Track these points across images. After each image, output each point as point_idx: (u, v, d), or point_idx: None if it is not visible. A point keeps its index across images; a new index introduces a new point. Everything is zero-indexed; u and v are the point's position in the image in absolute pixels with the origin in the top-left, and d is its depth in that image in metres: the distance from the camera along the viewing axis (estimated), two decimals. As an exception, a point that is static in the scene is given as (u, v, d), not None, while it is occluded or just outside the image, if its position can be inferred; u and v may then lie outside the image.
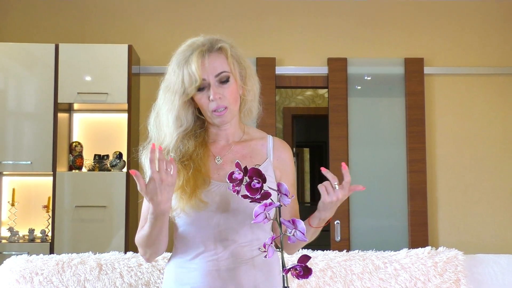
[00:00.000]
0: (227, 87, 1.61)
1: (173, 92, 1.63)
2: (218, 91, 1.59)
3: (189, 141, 1.66)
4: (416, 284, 2.37)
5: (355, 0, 4.65)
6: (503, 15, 4.68)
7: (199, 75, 1.58)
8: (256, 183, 1.37)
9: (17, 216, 4.27)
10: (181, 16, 4.60)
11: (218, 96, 1.59)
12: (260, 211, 1.37)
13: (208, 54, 1.61)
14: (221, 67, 1.61)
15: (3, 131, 4.06)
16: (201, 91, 1.61)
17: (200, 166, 1.63)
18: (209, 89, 1.60)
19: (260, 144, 1.76)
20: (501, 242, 4.51)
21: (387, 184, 4.51)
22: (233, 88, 1.63)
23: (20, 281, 2.32)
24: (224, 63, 1.62)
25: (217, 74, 1.60)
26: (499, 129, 4.61)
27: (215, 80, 1.60)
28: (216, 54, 1.62)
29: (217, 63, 1.61)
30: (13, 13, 4.59)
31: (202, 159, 1.65)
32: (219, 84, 1.61)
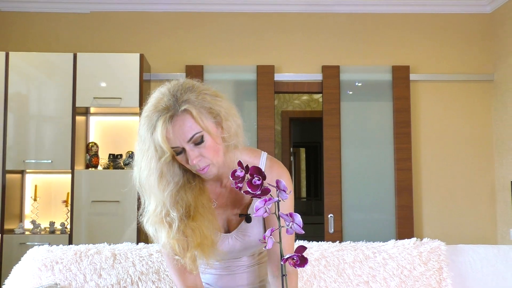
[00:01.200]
0: (203, 146, 1.41)
1: (149, 157, 1.44)
2: (195, 154, 1.40)
3: (186, 193, 1.49)
4: (402, 272, 2.37)
5: (347, 13, 4.66)
6: (480, 28, 4.68)
7: (167, 147, 1.39)
8: (257, 180, 1.32)
9: (39, 210, 4.28)
10: (187, 28, 4.60)
11: (197, 159, 1.41)
12: (260, 206, 1.32)
13: (174, 120, 1.38)
14: (191, 130, 1.39)
15: (26, 133, 4.07)
16: (180, 154, 1.43)
17: (208, 217, 1.51)
18: (185, 152, 1.41)
19: None
20: (479, 234, 4.52)
21: (376, 181, 4.51)
22: (209, 144, 1.42)
23: (41, 269, 2.32)
24: (193, 124, 1.38)
25: (189, 139, 1.39)
26: (478, 130, 4.62)
27: (188, 145, 1.40)
28: (182, 117, 1.39)
29: (186, 127, 1.39)
30: (35, 25, 4.59)
31: (205, 207, 1.52)
32: (194, 146, 1.40)
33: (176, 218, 1.46)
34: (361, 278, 2.36)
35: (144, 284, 2.29)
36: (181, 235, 1.46)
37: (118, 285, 2.29)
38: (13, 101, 4.07)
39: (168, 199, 1.46)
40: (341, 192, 4.47)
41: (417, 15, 4.68)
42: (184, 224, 1.46)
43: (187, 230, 1.46)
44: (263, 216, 1.34)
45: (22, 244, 3.95)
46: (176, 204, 1.47)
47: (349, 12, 4.66)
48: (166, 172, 1.45)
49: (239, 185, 1.33)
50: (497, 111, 4.54)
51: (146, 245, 2.40)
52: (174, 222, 1.46)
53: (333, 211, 4.44)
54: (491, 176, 4.59)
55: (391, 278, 2.36)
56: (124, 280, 2.29)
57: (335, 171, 4.47)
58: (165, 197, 1.45)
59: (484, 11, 4.67)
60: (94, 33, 4.60)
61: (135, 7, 4.59)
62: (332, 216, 4.44)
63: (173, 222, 1.46)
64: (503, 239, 4.40)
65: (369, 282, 2.35)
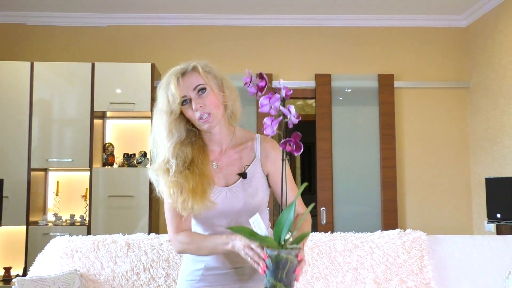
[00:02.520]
0: (205, 96, 1.57)
1: (162, 112, 1.59)
2: (198, 102, 1.56)
3: (187, 148, 1.60)
4: (388, 260, 2.37)
5: (337, 27, 4.66)
6: (457, 40, 4.68)
7: (178, 94, 1.55)
8: (261, 83, 1.42)
9: (60, 204, 4.28)
10: (194, 40, 4.60)
11: (199, 105, 1.55)
12: (266, 103, 1.39)
13: (184, 75, 1.59)
14: (196, 82, 1.58)
15: (49, 134, 4.07)
16: (186, 106, 1.58)
17: (204, 171, 1.59)
18: (192, 102, 1.57)
19: (249, 146, 1.70)
20: (457, 225, 4.52)
21: (363, 177, 4.51)
22: (211, 96, 1.58)
23: (63, 257, 2.32)
24: (199, 78, 1.58)
25: (194, 87, 1.57)
26: (455, 132, 4.62)
27: (194, 93, 1.57)
28: (191, 73, 1.59)
29: (192, 79, 1.58)
30: (57, 38, 4.60)
31: (203, 164, 1.61)
32: (198, 96, 1.57)
33: (174, 165, 1.57)
34: (351, 265, 2.36)
35: (155, 270, 2.29)
36: (177, 180, 1.55)
37: (131, 271, 2.29)
38: (38, 106, 4.08)
39: (171, 150, 1.58)
40: (332, 188, 4.47)
41: (400, 28, 4.68)
42: (180, 172, 1.56)
43: (182, 177, 1.56)
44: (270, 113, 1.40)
45: (46, 235, 3.95)
46: (177, 156, 1.58)
47: (339, 26, 4.67)
48: (173, 127, 1.58)
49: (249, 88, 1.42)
50: (472, 115, 4.54)
51: (157, 236, 2.40)
52: (172, 168, 1.57)
53: (325, 204, 4.44)
54: (467, 173, 4.59)
55: (378, 265, 2.36)
56: (137, 267, 2.30)
57: (327, 168, 4.47)
58: (169, 147, 1.58)
59: (460, 25, 4.68)
60: (110, 45, 4.60)
61: (146, 21, 4.60)
62: (324, 209, 4.44)
63: (171, 169, 1.57)
64: (478, 230, 4.40)
65: (357, 269, 2.35)
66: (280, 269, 1.28)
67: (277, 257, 1.28)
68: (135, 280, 2.28)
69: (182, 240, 1.59)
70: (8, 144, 4.03)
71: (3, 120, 4.04)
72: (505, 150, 4.01)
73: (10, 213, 3.95)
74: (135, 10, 4.48)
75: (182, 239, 1.59)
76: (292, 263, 1.29)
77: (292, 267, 1.29)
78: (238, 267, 1.62)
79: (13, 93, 4.07)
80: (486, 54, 4.31)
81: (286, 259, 1.28)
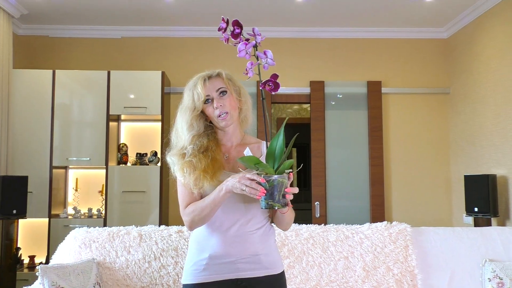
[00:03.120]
0: (226, 98, 1.65)
1: (186, 109, 1.67)
2: (219, 102, 1.64)
3: (203, 139, 1.67)
4: (375, 249, 2.37)
5: (330, 38, 4.66)
6: (439, 50, 4.68)
7: (203, 93, 1.64)
8: (237, 29, 1.47)
9: (79, 198, 4.28)
10: (200, 50, 4.60)
11: (220, 104, 1.64)
12: (242, 48, 1.47)
13: (209, 78, 1.67)
14: (220, 85, 1.66)
15: (69, 136, 4.07)
16: (208, 104, 1.66)
17: (216, 157, 1.65)
18: (213, 101, 1.65)
19: (256, 146, 1.75)
20: (438, 218, 4.52)
21: (354, 175, 4.51)
22: (230, 99, 1.66)
23: (81, 246, 2.33)
24: (222, 82, 1.67)
25: (217, 89, 1.65)
26: (437, 133, 4.62)
27: (216, 94, 1.65)
28: (215, 78, 1.68)
29: (216, 83, 1.66)
30: (76, 48, 4.60)
31: (216, 152, 1.67)
32: (220, 97, 1.65)
33: (190, 150, 1.64)
34: (342, 254, 2.36)
35: (165, 259, 2.29)
36: (191, 161, 1.62)
37: (143, 260, 2.29)
38: (59, 110, 4.08)
39: (189, 139, 1.65)
40: (326, 184, 4.47)
41: (387, 40, 4.68)
42: (195, 155, 1.62)
43: (196, 159, 1.62)
44: (245, 58, 1.51)
45: (66, 227, 3.95)
46: (194, 144, 1.65)
47: (332, 38, 4.67)
48: (194, 122, 1.66)
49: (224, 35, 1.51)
50: (452, 118, 4.54)
51: (166, 227, 2.40)
52: (188, 152, 1.64)
53: (319, 199, 4.44)
54: (447, 171, 4.59)
55: (366, 254, 2.37)
56: (148, 255, 2.30)
57: (321, 166, 4.47)
58: (188, 137, 1.65)
59: (441, 37, 4.68)
60: (124, 55, 4.60)
61: (157, 33, 4.60)
62: (318, 203, 4.44)
63: (187, 153, 1.64)
64: (458, 222, 4.40)
65: (348, 257, 2.36)
66: (278, 192, 1.40)
67: (274, 181, 1.40)
68: (146, 267, 2.28)
69: (188, 211, 1.61)
70: (32, 144, 4.03)
71: (28, 122, 4.05)
72: (482, 150, 4.00)
73: (34, 207, 3.96)
74: (146, 23, 4.49)
75: (188, 210, 1.62)
76: (286, 186, 1.42)
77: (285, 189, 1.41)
78: (240, 257, 1.61)
79: (37, 98, 4.08)
80: (465, 63, 4.31)
81: (282, 183, 1.40)
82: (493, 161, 3.83)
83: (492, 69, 3.87)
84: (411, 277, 2.34)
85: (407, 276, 2.33)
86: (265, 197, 1.41)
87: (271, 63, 1.50)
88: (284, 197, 1.42)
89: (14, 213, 3.64)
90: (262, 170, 1.44)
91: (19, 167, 3.99)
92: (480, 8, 4.01)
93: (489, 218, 3.61)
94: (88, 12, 4.19)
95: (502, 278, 2.28)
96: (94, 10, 4.16)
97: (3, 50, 3.83)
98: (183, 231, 2.36)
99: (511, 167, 3.59)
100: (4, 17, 3.88)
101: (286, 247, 2.35)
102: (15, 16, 4.08)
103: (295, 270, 2.32)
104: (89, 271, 2.19)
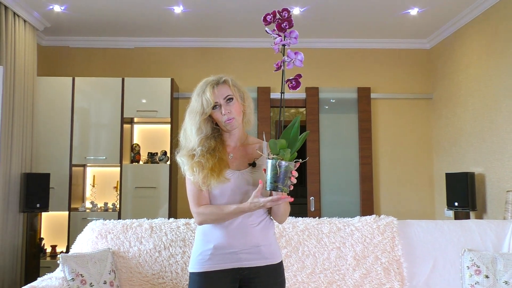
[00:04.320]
0: (232, 104, 1.65)
1: (196, 113, 1.65)
2: (227, 108, 1.63)
3: (211, 141, 1.66)
4: (365, 240, 2.37)
5: (324, 48, 4.65)
6: (422, 59, 4.68)
7: (212, 99, 1.62)
8: (286, 26, 1.45)
9: (96, 194, 4.28)
10: (206, 59, 4.60)
11: (227, 111, 1.63)
12: (278, 42, 1.47)
13: (217, 85, 1.65)
14: (227, 92, 1.65)
15: (87, 137, 4.07)
16: (216, 110, 1.65)
17: (222, 157, 1.65)
18: (221, 107, 1.64)
19: (258, 147, 1.75)
20: (422, 212, 4.51)
21: (345, 172, 4.50)
22: (236, 105, 1.66)
23: (98, 237, 2.33)
24: (228, 90, 1.66)
25: (225, 97, 1.64)
26: (421, 135, 4.62)
27: (223, 101, 1.64)
28: (222, 85, 1.66)
29: (223, 90, 1.65)
30: (94, 57, 4.60)
31: (222, 152, 1.66)
32: (227, 103, 1.64)
33: (199, 151, 1.63)
34: (335, 245, 2.36)
35: (174, 249, 2.29)
36: (199, 161, 1.61)
37: (154, 249, 2.29)
38: (78, 113, 4.08)
39: (198, 141, 1.65)
40: (320, 181, 4.47)
41: (375, 50, 4.68)
42: (203, 155, 1.62)
43: (204, 159, 1.62)
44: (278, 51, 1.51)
45: (84, 219, 3.96)
46: (202, 145, 1.65)
47: (325, 48, 4.66)
48: (202, 125, 1.65)
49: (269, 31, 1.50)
50: (435, 121, 4.54)
51: (175, 220, 2.40)
52: (197, 154, 1.63)
53: (314, 194, 4.44)
54: (430, 169, 4.58)
55: (357, 244, 2.36)
56: (158, 246, 2.30)
57: (315, 165, 4.47)
58: (197, 140, 1.64)
59: (425, 47, 4.67)
60: (137, 63, 4.60)
61: (167, 43, 4.60)
62: (313, 198, 4.43)
63: (196, 154, 1.64)
64: (440, 215, 4.39)
65: (340, 248, 2.35)
66: (285, 176, 1.43)
67: (287, 167, 1.42)
68: (157, 256, 2.28)
69: (202, 211, 1.62)
70: (54, 144, 4.03)
71: (50, 125, 4.05)
72: (462, 150, 4.00)
73: (55, 201, 3.96)
74: (157, 35, 4.48)
75: (201, 210, 1.62)
76: (292, 170, 1.45)
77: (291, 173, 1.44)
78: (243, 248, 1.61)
79: (58, 103, 4.08)
80: (446, 71, 4.31)
81: (290, 169, 1.43)
82: (471, 160, 3.82)
83: (471, 77, 3.86)
84: (397, 266, 2.33)
85: (393, 265, 2.33)
86: (273, 180, 1.42)
87: (298, 64, 1.49)
88: (290, 180, 1.44)
89: (37, 207, 3.64)
90: (281, 155, 1.44)
91: (42, 165, 3.99)
92: (459, 22, 4.00)
93: (468, 212, 3.60)
94: (104, 24, 4.19)
95: (479, 266, 2.28)
96: (109, 23, 4.16)
97: (28, 60, 3.83)
98: (190, 223, 2.36)
99: (487, 166, 3.59)
100: (29, 30, 3.88)
101: (283, 238, 2.35)
102: (39, 29, 4.08)
103: (292, 259, 2.32)
104: (105, 260, 2.19)
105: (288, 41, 1.49)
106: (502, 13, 3.42)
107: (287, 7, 1.46)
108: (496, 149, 3.48)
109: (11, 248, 3.52)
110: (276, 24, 1.47)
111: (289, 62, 1.48)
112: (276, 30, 1.48)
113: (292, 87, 1.48)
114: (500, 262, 2.27)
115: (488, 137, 3.58)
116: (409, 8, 3.80)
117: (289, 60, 1.48)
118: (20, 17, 3.72)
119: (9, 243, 3.50)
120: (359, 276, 2.30)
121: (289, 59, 1.47)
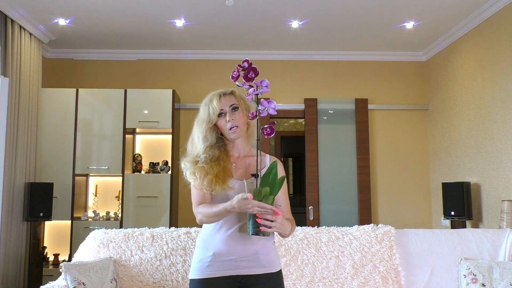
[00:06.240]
0: (237, 113, 1.68)
1: (202, 121, 1.69)
2: (231, 116, 1.66)
3: (215, 150, 1.68)
4: (363, 249, 2.36)
5: (322, 61, 4.69)
6: (418, 71, 4.71)
7: (218, 107, 1.66)
8: (252, 74, 1.56)
9: (98, 203, 4.28)
10: (206, 71, 4.63)
11: (232, 118, 1.66)
12: (252, 92, 1.55)
13: (224, 95, 1.70)
14: (233, 101, 1.69)
15: (90, 147, 4.08)
16: (221, 118, 1.67)
17: (226, 166, 1.67)
18: (226, 115, 1.67)
19: (259, 159, 1.73)
20: (419, 221, 4.50)
21: (344, 182, 4.50)
22: (241, 115, 1.68)
23: (100, 246, 2.32)
24: (234, 99, 1.70)
25: (230, 105, 1.68)
26: (418, 145, 4.63)
27: (229, 109, 1.67)
28: (229, 95, 1.71)
29: (229, 99, 1.69)
30: (97, 69, 4.63)
31: (226, 162, 1.68)
32: (232, 112, 1.67)
33: (204, 158, 1.66)
34: (333, 253, 2.35)
35: (174, 257, 2.28)
36: (203, 167, 1.64)
37: (155, 258, 2.28)
38: (81, 123, 4.09)
39: (203, 149, 1.67)
40: (319, 190, 4.46)
41: (373, 62, 4.71)
42: (207, 163, 1.64)
43: (208, 166, 1.64)
44: (252, 101, 1.58)
45: (86, 228, 3.94)
46: (206, 153, 1.67)
47: (324, 60, 4.69)
48: (208, 133, 1.68)
49: (238, 84, 1.60)
50: (431, 131, 4.55)
51: (176, 229, 2.39)
52: (201, 160, 1.66)
53: (313, 204, 4.43)
54: (427, 178, 4.58)
55: (355, 253, 2.36)
56: (159, 254, 2.29)
57: (314, 174, 4.47)
58: (202, 147, 1.67)
59: (421, 59, 4.71)
60: (139, 75, 4.63)
61: (168, 56, 4.63)
62: (311, 207, 4.43)
63: (200, 160, 1.66)
64: (436, 224, 4.38)
65: (339, 256, 2.35)
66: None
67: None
68: (158, 265, 2.27)
69: (200, 210, 1.64)
70: (57, 154, 4.04)
71: (54, 135, 4.06)
72: (457, 160, 4.00)
73: (58, 210, 3.95)
74: (159, 47, 4.52)
75: (199, 209, 1.64)
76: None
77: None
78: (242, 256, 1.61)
79: (62, 114, 4.09)
80: (442, 83, 4.33)
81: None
82: (467, 170, 3.83)
83: (465, 88, 3.89)
84: (395, 274, 2.32)
85: (391, 273, 2.32)
86: (256, 225, 1.47)
87: (272, 112, 1.57)
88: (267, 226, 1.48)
89: (41, 216, 3.64)
90: (264, 201, 1.49)
91: (46, 175, 3.99)
92: (454, 35, 4.04)
93: (464, 221, 3.60)
94: (108, 37, 4.23)
95: (476, 274, 2.27)
96: (113, 36, 4.19)
97: (33, 71, 3.86)
98: (191, 232, 2.36)
99: (483, 175, 3.59)
100: (35, 43, 3.92)
101: (283, 247, 2.35)
102: (45, 42, 4.11)
103: (291, 268, 2.31)
104: (106, 268, 2.18)
105: (261, 91, 1.57)
106: (495, 27, 3.45)
107: (247, 59, 1.59)
108: (491, 159, 3.49)
109: (14, 256, 3.51)
110: (243, 75, 1.56)
111: (263, 110, 1.55)
112: (245, 82, 1.57)
113: (267, 134, 1.55)
114: (496, 271, 2.26)
115: (483, 147, 3.59)
116: (405, 22, 3.84)
117: (263, 108, 1.55)
118: (26, 30, 3.76)
119: (13, 251, 3.49)
120: (357, 284, 2.29)
121: (263, 108, 1.55)
